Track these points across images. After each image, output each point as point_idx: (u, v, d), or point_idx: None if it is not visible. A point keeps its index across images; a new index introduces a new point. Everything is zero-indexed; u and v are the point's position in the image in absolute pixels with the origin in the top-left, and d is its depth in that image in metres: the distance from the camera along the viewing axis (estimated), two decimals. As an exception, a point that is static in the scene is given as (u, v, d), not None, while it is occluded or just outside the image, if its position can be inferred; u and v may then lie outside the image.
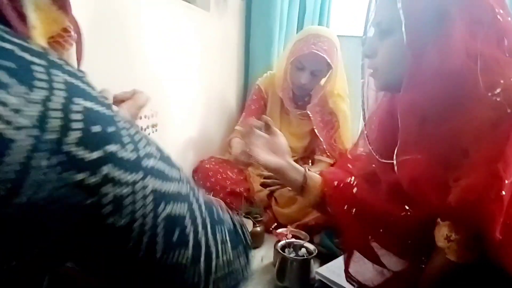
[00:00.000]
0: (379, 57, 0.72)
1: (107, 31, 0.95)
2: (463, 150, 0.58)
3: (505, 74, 0.57)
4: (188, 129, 1.46)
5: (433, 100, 0.61)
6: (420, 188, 0.64)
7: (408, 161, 0.64)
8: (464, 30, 0.59)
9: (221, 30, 1.64)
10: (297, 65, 1.40)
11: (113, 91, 1.00)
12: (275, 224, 1.33)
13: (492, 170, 0.54)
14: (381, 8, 0.72)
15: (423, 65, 0.61)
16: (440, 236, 0.64)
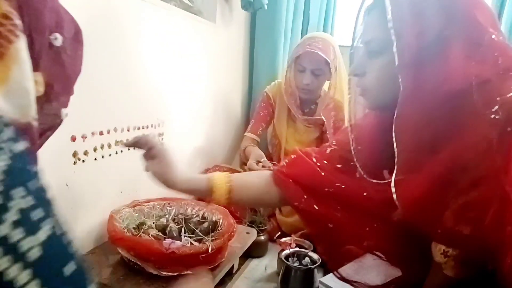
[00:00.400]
0: (368, 76, 0.71)
1: (115, 44, 0.97)
2: (463, 168, 0.56)
3: (501, 91, 0.56)
4: (194, 138, 1.48)
5: (430, 124, 0.60)
6: (419, 211, 0.62)
7: (406, 182, 0.63)
8: (460, 52, 0.58)
9: (227, 41, 1.67)
10: (298, 68, 1.45)
11: (122, 101, 1.03)
12: (279, 233, 1.33)
13: (498, 192, 0.52)
14: (370, 27, 0.70)
15: (418, 89, 0.60)
16: (437, 251, 0.64)
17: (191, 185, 0.86)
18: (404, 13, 0.60)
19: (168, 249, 0.82)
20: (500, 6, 1.81)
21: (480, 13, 0.60)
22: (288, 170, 0.86)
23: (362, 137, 0.79)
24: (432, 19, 0.59)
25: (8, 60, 0.34)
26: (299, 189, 0.83)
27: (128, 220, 0.95)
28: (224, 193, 0.85)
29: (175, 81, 1.28)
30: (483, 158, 0.54)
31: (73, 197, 0.90)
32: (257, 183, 0.90)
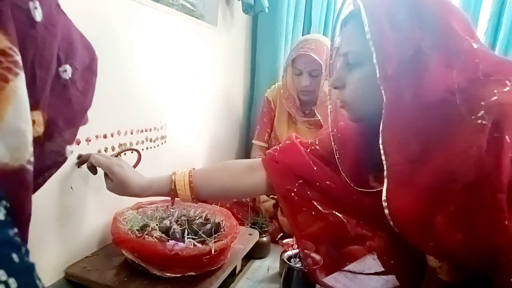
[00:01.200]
0: (348, 89, 0.70)
1: (118, 47, 0.98)
2: (453, 175, 0.56)
3: (484, 96, 0.55)
4: (196, 141, 1.49)
5: (417, 133, 0.59)
6: (415, 225, 0.61)
7: (397, 195, 0.62)
8: (440, 61, 0.58)
9: (229, 44, 1.68)
10: (294, 72, 1.48)
11: (125, 104, 1.04)
12: (281, 234, 1.34)
13: (494, 202, 0.52)
14: (348, 39, 0.69)
15: (402, 100, 0.59)
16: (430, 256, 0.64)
17: (154, 191, 0.86)
18: (382, 25, 0.60)
19: (171, 250, 0.83)
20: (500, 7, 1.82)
21: (456, 22, 0.60)
22: (280, 156, 0.84)
23: (345, 147, 0.78)
24: (409, 30, 0.59)
25: (2, 100, 0.32)
26: (292, 175, 0.81)
27: (132, 222, 0.96)
28: (189, 193, 0.85)
29: (178, 84, 1.29)
30: (473, 164, 0.54)
31: (77, 199, 0.91)
32: (227, 174, 0.88)
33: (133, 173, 0.86)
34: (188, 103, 1.38)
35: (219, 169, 0.91)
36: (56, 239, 0.87)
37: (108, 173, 0.84)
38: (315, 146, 0.84)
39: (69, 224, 0.90)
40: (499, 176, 0.51)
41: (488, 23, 1.85)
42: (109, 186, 0.85)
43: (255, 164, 0.87)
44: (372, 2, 0.62)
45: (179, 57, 1.28)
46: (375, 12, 0.61)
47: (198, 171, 0.88)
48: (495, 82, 0.57)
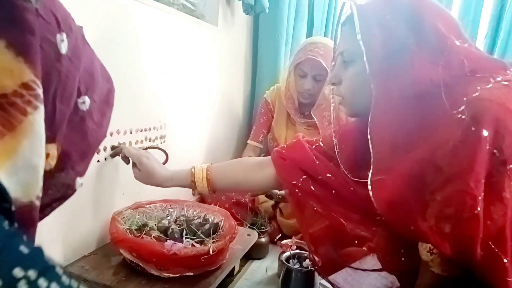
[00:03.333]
0: (344, 85, 0.76)
1: (118, 47, 0.98)
2: (436, 166, 0.59)
3: (467, 92, 0.59)
4: (196, 141, 1.49)
5: (401, 125, 0.64)
6: (397, 211, 0.65)
7: (382, 182, 0.66)
8: (425, 58, 0.63)
9: (229, 44, 1.68)
10: (299, 73, 1.46)
11: (125, 104, 1.04)
12: (280, 235, 1.34)
13: (465, 188, 0.55)
14: (343, 39, 0.76)
15: (389, 93, 0.64)
16: (422, 249, 0.66)
17: (175, 183, 0.96)
18: (371, 26, 0.66)
19: (170, 250, 0.83)
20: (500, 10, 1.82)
21: (442, 22, 0.65)
22: (287, 153, 0.90)
23: (345, 141, 0.84)
24: (396, 30, 0.65)
25: (19, 133, 0.31)
26: (298, 169, 0.86)
27: (130, 222, 0.96)
28: (206, 185, 0.93)
29: (178, 84, 1.29)
30: (454, 156, 0.57)
31: (75, 198, 0.89)
32: (239, 169, 0.96)
33: (158, 165, 0.96)
34: (187, 103, 1.37)
35: (233, 164, 1.01)
36: (54, 238, 0.87)
37: (137, 163, 0.95)
38: (319, 143, 0.91)
39: (67, 223, 0.90)
40: (472, 167, 0.55)
41: (488, 26, 1.85)
42: (136, 175, 0.96)
43: (265, 161, 0.94)
44: (363, 6, 0.68)
45: (179, 57, 1.28)
46: (365, 14, 0.67)
47: (215, 166, 0.96)
48: (480, 79, 0.61)
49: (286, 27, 1.84)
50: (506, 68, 0.64)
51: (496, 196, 0.56)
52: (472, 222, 0.55)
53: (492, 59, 0.68)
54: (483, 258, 0.57)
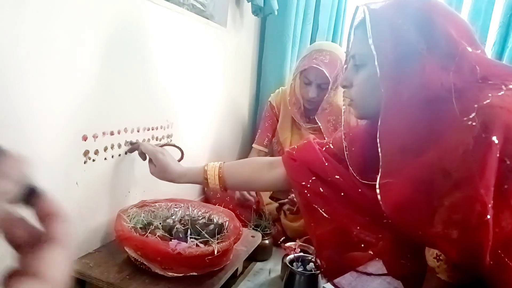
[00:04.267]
0: (354, 88, 0.77)
1: (128, 46, 0.99)
2: (445, 171, 0.59)
3: (479, 99, 0.59)
4: (201, 140, 1.49)
5: (411, 129, 0.64)
6: (405, 215, 0.65)
7: (391, 185, 0.66)
8: (436, 63, 0.63)
9: (237, 46, 1.68)
10: (304, 81, 1.45)
11: (133, 102, 1.04)
12: (284, 238, 1.34)
13: (475, 195, 0.55)
14: (355, 43, 0.77)
15: (399, 97, 0.65)
16: (429, 255, 0.65)
17: (189, 179, 1.00)
18: (383, 30, 0.67)
19: (174, 250, 0.83)
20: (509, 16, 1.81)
21: (454, 28, 0.65)
22: (297, 154, 0.91)
23: (355, 144, 0.84)
24: (407, 34, 0.65)
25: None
26: (307, 170, 0.87)
27: (135, 220, 0.96)
28: (218, 183, 0.96)
29: (185, 83, 1.29)
30: (463, 162, 0.57)
31: (82, 195, 0.91)
32: (250, 168, 0.99)
33: (173, 161, 1.01)
34: (194, 103, 1.38)
35: (244, 163, 1.04)
36: (60, 234, 0.87)
37: (152, 159, 0.99)
38: (330, 145, 0.92)
39: (73, 219, 0.89)
40: (483, 173, 0.55)
41: (497, 33, 1.84)
42: (152, 170, 1.00)
43: (276, 161, 0.96)
44: (376, 11, 0.69)
45: (188, 57, 1.28)
46: (377, 19, 0.68)
47: (227, 164, 0.99)
48: (491, 86, 0.61)
49: (293, 30, 1.83)
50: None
51: (506, 204, 0.55)
52: (481, 229, 0.55)
53: (504, 66, 0.68)
54: (492, 266, 0.56)
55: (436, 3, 0.70)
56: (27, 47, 0.71)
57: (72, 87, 0.83)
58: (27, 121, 0.74)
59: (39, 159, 0.78)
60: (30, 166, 0.32)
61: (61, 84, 0.80)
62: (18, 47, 0.70)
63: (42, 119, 0.77)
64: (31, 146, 0.75)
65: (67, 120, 0.83)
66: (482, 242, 0.55)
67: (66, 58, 0.80)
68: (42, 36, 0.74)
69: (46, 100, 0.77)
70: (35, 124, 0.76)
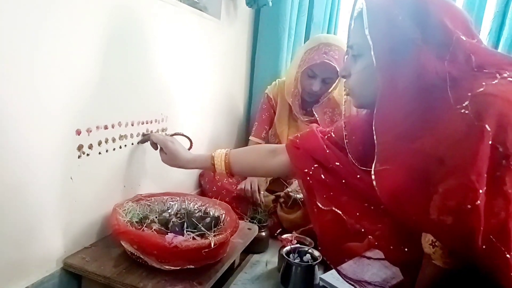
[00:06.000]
0: (353, 77, 0.78)
1: (122, 40, 0.98)
2: (439, 158, 0.60)
3: (473, 88, 0.60)
4: (196, 133, 1.48)
5: (406, 117, 0.65)
6: (400, 202, 0.66)
7: (386, 172, 0.68)
8: (431, 53, 0.64)
9: (231, 38, 1.67)
10: (308, 73, 1.43)
11: (126, 96, 1.03)
12: (280, 230, 1.34)
13: (466, 182, 0.56)
14: (353, 33, 0.78)
15: (394, 86, 0.66)
16: (425, 242, 0.67)
17: (197, 165, 1.08)
18: (379, 21, 0.68)
19: (171, 243, 0.83)
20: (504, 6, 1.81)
21: (449, 18, 0.65)
22: (300, 141, 0.94)
23: (354, 133, 0.86)
24: (402, 24, 0.65)
25: None
26: (310, 158, 0.90)
27: (131, 214, 0.96)
28: (224, 168, 1.02)
29: (180, 76, 1.28)
30: (457, 149, 0.58)
31: (77, 190, 0.90)
32: (255, 155, 1.04)
33: (182, 148, 1.07)
34: (189, 96, 1.37)
35: (249, 150, 1.11)
36: (55, 229, 0.86)
37: (163, 147, 1.06)
38: (331, 133, 0.94)
39: (69, 214, 0.89)
40: (474, 161, 0.56)
41: (492, 23, 1.84)
42: (163, 158, 1.07)
43: (279, 148, 0.99)
44: (373, 1, 0.69)
45: (182, 49, 1.27)
46: (374, 9, 0.69)
47: (233, 151, 1.05)
48: (486, 75, 0.62)
49: (288, 22, 1.82)
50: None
51: (499, 191, 0.56)
52: (472, 214, 0.56)
53: (500, 55, 0.69)
54: (486, 252, 0.57)
55: None
56: (20, 40, 0.70)
57: (65, 80, 0.82)
58: (19, 115, 0.73)
59: (33, 154, 0.77)
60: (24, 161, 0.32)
61: (53, 77, 0.79)
62: (11, 39, 0.69)
63: (35, 113, 0.76)
64: (24, 141, 0.75)
65: (60, 114, 0.82)
66: (473, 227, 0.56)
67: (59, 51, 0.79)
68: (35, 28, 0.72)
69: (38, 94, 0.76)
70: (28, 118, 0.75)
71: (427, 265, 0.67)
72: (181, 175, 1.40)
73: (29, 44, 0.72)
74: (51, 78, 0.78)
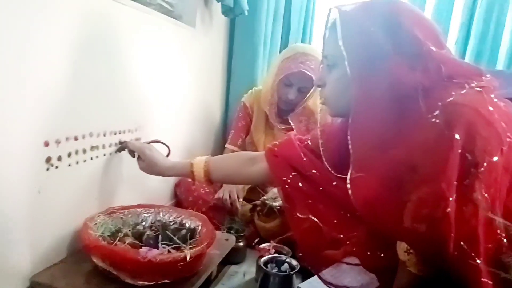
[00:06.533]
0: (328, 87, 0.79)
1: (95, 46, 0.95)
2: (412, 167, 0.61)
3: (443, 97, 0.62)
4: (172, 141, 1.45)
5: (380, 126, 0.67)
6: (374, 210, 0.67)
7: (360, 180, 0.69)
8: (402, 63, 0.65)
9: (206, 46, 1.66)
10: (285, 82, 1.44)
11: (97, 105, 1.00)
12: (258, 239, 1.33)
13: (437, 190, 0.58)
14: (327, 43, 0.79)
15: (368, 95, 0.67)
16: (400, 249, 0.68)
17: (176, 172, 1.07)
18: (352, 32, 0.69)
19: (145, 257, 0.80)
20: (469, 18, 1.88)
21: (420, 30, 0.67)
22: (279, 149, 0.95)
23: (330, 140, 0.87)
24: (375, 36, 0.67)
25: None
26: (288, 166, 0.90)
27: (103, 228, 0.93)
28: (203, 175, 1.00)
29: (154, 84, 1.26)
30: (428, 158, 0.60)
31: (45, 204, 0.86)
32: (234, 162, 1.03)
33: (160, 155, 1.06)
34: (163, 105, 1.35)
35: (228, 158, 1.12)
36: (21, 245, 0.82)
37: (140, 154, 1.05)
38: (308, 141, 0.95)
39: (36, 229, 0.85)
40: (445, 169, 0.57)
41: (459, 33, 1.92)
42: (140, 166, 1.06)
43: (258, 156, 1.00)
44: (347, 13, 0.71)
45: (156, 57, 1.25)
46: (347, 21, 0.70)
47: (213, 158, 1.04)
48: (456, 85, 0.64)
49: (264, 30, 1.83)
50: (481, 75, 0.67)
51: (469, 198, 0.58)
52: (444, 222, 0.57)
53: (468, 65, 0.72)
54: (457, 259, 0.58)
55: (403, 6, 0.73)
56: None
57: (32, 89, 0.78)
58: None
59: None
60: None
61: (19, 85, 0.75)
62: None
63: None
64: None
65: (26, 124, 0.78)
66: (445, 235, 0.57)
67: (26, 57, 0.75)
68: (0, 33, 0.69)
69: (2, 103, 0.72)
70: (-10, 130, 0.71)
71: (402, 272, 0.68)
72: (156, 185, 1.37)
73: (-8, 53, 0.69)
74: (17, 86, 0.75)
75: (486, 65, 1.84)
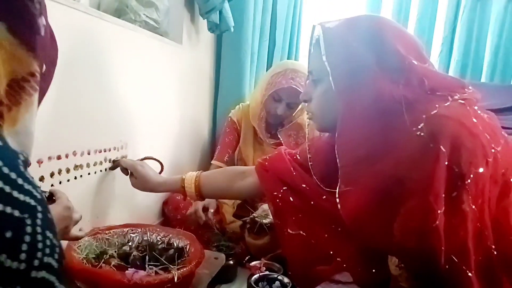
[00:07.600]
0: (314, 102, 0.80)
1: (80, 63, 0.94)
2: (399, 180, 0.62)
3: (427, 110, 0.62)
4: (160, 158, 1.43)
5: (366, 140, 0.67)
6: (364, 224, 0.68)
7: (349, 194, 0.69)
8: (386, 77, 0.66)
9: (193, 63, 1.66)
10: (274, 97, 1.44)
11: (81, 123, 0.98)
12: (248, 257, 1.30)
13: (425, 203, 0.58)
14: (312, 59, 0.80)
15: (353, 109, 0.68)
16: (391, 264, 0.68)
17: (168, 187, 1.09)
18: (335, 48, 0.71)
19: (130, 280, 0.78)
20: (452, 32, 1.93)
21: (402, 44, 0.69)
22: (269, 164, 0.96)
23: (318, 155, 0.88)
24: (358, 51, 0.68)
25: (22, 108, 0.43)
26: (278, 181, 0.90)
27: (88, 250, 0.89)
28: (194, 190, 1.01)
29: (140, 102, 1.25)
30: (414, 171, 0.60)
31: (26, 226, 0.83)
32: (225, 177, 1.04)
33: (152, 172, 1.08)
34: (150, 122, 1.33)
35: (219, 173, 1.13)
36: None
37: (132, 171, 1.06)
38: (297, 156, 0.96)
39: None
40: (432, 182, 0.58)
41: (442, 47, 1.96)
42: (133, 182, 1.07)
43: (249, 170, 1.01)
44: (330, 29, 0.73)
45: (142, 74, 1.24)
46: (331, 37, 0.72)
47: (204, 173, 1.05)
48: (439, 98, 0.65)
49: (251, 46, 1.85)
50: (464, 87, 0.67)
51: (457, 210, 0.58)
52: (433, 235, 0.57)
53: (451, 78, 0.73)
54: (448, 273, 0.58)
55: (385, 22, 0.74)
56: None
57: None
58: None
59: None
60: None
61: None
62: None
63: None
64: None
65: (6, 145, 0.76)
66: (435, 248, 0.57)
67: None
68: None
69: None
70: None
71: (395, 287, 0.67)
72: (144, 204, 1.34)
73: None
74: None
75: (470, 78, 1.88)
